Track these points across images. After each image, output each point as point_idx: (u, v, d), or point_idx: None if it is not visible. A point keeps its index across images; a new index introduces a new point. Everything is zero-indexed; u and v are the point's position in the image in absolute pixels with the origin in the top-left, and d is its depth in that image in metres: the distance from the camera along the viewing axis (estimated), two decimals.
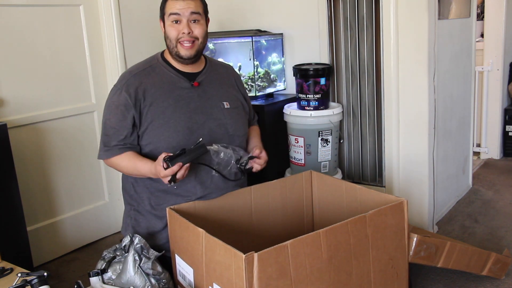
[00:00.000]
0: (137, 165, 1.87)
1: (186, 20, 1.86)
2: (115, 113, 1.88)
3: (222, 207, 1.96)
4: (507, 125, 4.27)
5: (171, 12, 1.86)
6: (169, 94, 1.91)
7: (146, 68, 1.95)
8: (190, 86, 1.95)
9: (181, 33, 1.87)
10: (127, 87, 1.88)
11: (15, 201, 2.34)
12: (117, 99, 1.88)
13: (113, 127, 1.89)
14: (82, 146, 2.88)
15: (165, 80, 1.93)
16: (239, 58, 2.99)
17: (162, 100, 1.89)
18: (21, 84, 2.58)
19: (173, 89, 1.92)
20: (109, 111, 1.91)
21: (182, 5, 1.85)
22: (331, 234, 1.56)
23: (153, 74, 1.93)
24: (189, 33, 1.87)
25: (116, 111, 1.88)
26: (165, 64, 1.96)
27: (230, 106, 2.02)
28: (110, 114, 1.90)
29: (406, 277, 1.84)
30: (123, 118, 1.87)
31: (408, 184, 2.83)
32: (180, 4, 1.85)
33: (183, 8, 1.85)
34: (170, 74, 1.94)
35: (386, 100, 2.80)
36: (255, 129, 2.23)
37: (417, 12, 2.61)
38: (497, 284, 2.28)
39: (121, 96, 1.87)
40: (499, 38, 4.12)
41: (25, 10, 2.57)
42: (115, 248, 1.80)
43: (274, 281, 1.43)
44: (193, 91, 1.95)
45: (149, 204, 1.97)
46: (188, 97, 1.93)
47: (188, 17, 1.86)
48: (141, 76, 1.91)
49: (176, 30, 1.87)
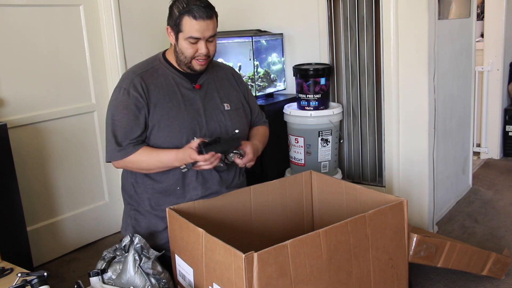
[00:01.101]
0: (159, 155, 1.86)
1: (205, 42, 1.86)
2: (124, 114, 1.86)
3: (222, 207, 1.96)
4: (507, 125, 4.27)
5: (191, 36, 1.83)
6: (173, 96, 1.91)
7: (148, 69, 1.95)
8: (192, 88, 1.96)
9: (198, 52, 1.87)
10: (134, 87, 1.87)
11: (15, 201, 2.34)
12: (126, 99, 1.87)
13: (123, 127, 1.86)
14: (82, 146, 2.88)
15: (168, 81, 1.94)
16: (239, 58, 2.99)
17: (166, 101, 1.90)
18: (21, 84, 2.58)
19: (176, 90, 1.93)
20: (117, 112, 1.88)
21: (203, 28, 1.82)
22: (331, 233, 1.56)
23: (156, 75, 1.93)
24: (206, 53, 1.88)
25: (125, 111, 1.86)
26: (168, 65, 1.97)
27: (231, 108, 2.02)
28: (119, 115, 1.87)
29: (406, 277, 1.84)
30: (135, 118, 1.86)
31: (408, 184, 2.83)
32: (201, 26, 1.82)
33: (204, 31, 1.83)
34: (173, 76, 1.95)
35: (386, 100, 2.80)
36: (258, 129, 2.19)
37: (417, 12, 2.61)
38: (497, 284, 2.28)
39: (131, 96, 1.86)
40: (499, 38, 4.12)
41: (25, 10, 2.57)
42: (115, 248, 1.80)
43: (274, 280, 1.44)
44: (195, 93, 1.96)
45: (149, 205, 1.97)
46: (191, 99, 1.94)
47: (206, 38, 1.86)
48: (144, 76, 1.91)
49: (194, 49, 1.87)
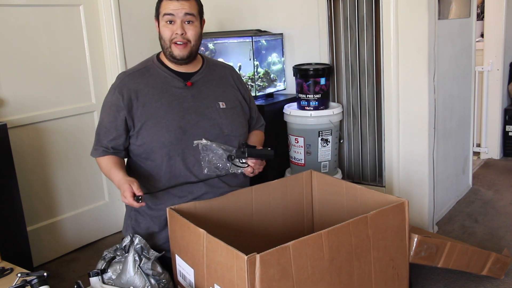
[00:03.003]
0: (111, 173, 1.90)
1: (180, 21, 1.87)
2: (107, 113, 1.93)
3: (223, 207, 1.96)
4: (507, 125, 4.27)
5: (165, 13, 1.87)
6: (162, 94, 1.92)
7: (140, 69, 1.98)
8: (184, 86, 1.96)
9: (174, 33, 1.88)
10: (120, 88, 1.91)
11: (15, 201, 2.33)
12: (111, 99, 1.93)
13: (104, 126, 1.94)
14: (82, 146, 2.87)
15: (159, 80, 1.94)
16: (239, 58, 2.99)
17: (155, 100, 1.91)
18: (21, 84, 2.58)
19: (167, 89, 1.93)
20: (104, 111, 1.96)
21: (176, 6, 1.86)
22: (332, 235, 1.56)
23: (147, 75, 1.95)
24: (182, 34, 1.88)
25: (109, 111, 1.93)
26: (160, 64, 1.98)
27: (227, 106, 2.01)
28: (103, 114, 1.95)
29: (406, 277, 1.84)
30: (114, 119, 1.91)
31: (408, 184, 2.84)
32: (174, 4, 1.86)
33: (177, 9, 1.85)
34: (165, 75, 1.96)
35: (386, 100, 2.80)
36: (256, 134, 2.19)
37: (417, 12, 2.61)
38: (497, 284, 2.28)
39: (114, 97, 1.91)
40: (499, 38, 4.12)
41: (25, 10, 2.56)
42: (115, 248, 1.80)
43: (276, 282, 1.43)
44: (186, 91, 1.95)
45: (148, 205, 1.97)
46: (181, 97, 1.94)
47: (182, 18, 1.87)
48: (135, 76, 1.94)
49: (170, 31, 1.88)
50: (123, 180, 1.81)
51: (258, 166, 1.93)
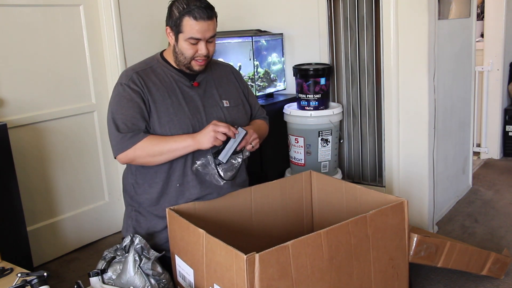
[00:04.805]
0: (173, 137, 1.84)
1: (205, 42, 1.87)
2: (129, 106, 1.85)
3: (222, 208, 1.96)
4: (507, 125, 4.27)
5: (193, 37, 1.84)
6: (171, 93, 1.92)
7: (146, 68, 1.96)
8: (191, 85, 1.96)
9: (198, 52, 1.88)
10: (134, 82, 1.88)
11: (15, 201, 2.33)
12: (128, 93, 1.86)
13: (129, 119, 1.85)
14: (82, 146, 2.88)
15: (167, 79, 1.95)
16: (239, 58, 2.99)
17: (164, 98, 1.90)
18: (21, 84, 2.58)
19: (175, 88, 1.94)
20: (121, 106, 1.86)
21: (204, 29, 1.83)
22: (332, 234, 1.56)
23: (154, 75, 1.94)
24: (206, 54, 1.88)
25: (129, 104, 1.86)
26: (166, 63, 1.97)
27: (230, 104, 2.03)
28: (123, 109, 1.86)
29: (406, 277, 1.84)
30: (140, 110, 1.86)
31: (408, 184, 2.84)
32: (201, 27, 1.82)
33: (204, 32, 1.84)
34: (171, 74, 1.96)
35: (386, 100, 2.80)
36: (255, 121, 2.17)
37: (417, 12, 2.61)
38: (497, 284, 2.28)
39: (133, 90, 1.86)
40: (499, 38, 4.12)
41: (25, 10, 2.57)
42: (116, 248, 1.80)
43: (275, 281, 1.43)
44: (193, 91, 1.97)
45: (149, 205, 1.97)
46: (189, 96, 1.95)
47: (207, 39, 1.87)
48: (142, 75, 1.92)
49: (194, 50, 1.87)
50: (198, 133, 1.84)
51: (251, 139, 1.90)
